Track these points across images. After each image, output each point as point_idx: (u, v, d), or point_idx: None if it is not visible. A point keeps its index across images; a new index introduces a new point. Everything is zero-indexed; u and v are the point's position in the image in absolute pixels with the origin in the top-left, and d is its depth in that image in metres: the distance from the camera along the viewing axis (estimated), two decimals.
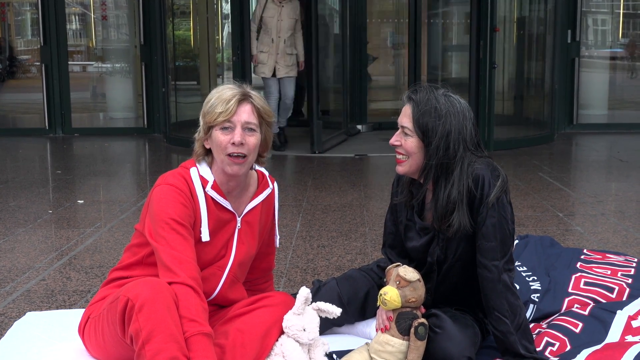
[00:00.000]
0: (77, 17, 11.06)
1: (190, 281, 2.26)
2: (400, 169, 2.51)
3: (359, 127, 9.50)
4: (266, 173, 2.64)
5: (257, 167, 2.60)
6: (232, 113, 2.38)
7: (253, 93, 2.45)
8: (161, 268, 2.32)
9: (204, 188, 2.43)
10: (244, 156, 2.40)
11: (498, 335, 2.46)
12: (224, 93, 2.40)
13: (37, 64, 9.92)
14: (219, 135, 2.39)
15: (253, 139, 2.42)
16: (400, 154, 2.50)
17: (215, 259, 2.48)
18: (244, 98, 2.41)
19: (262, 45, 7.85)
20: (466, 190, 2.43)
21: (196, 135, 2.48)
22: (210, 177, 2.45)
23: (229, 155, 2.39)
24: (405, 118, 2.47)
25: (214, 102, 2.39)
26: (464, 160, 2.44)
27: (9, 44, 11.68)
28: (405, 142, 2.47)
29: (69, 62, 9.61)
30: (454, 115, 2.43)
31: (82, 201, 5.57)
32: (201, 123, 2.44)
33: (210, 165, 2.47)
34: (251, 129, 2.41)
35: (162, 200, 2.37)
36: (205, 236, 2.42)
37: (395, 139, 2.50)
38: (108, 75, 10.49)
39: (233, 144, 2.38)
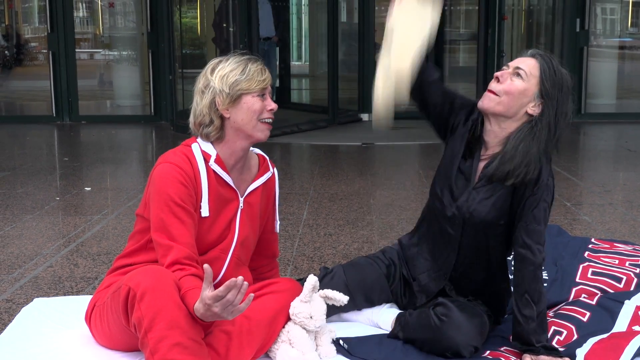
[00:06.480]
0: (84, 5, 11.06)
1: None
2: (486, 102, 2.44)
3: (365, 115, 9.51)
4: (267, 157, 2.65)
5: (258, 151, 2.62)
6: (269, 80, 2.43)
7: None
8: (157, 249, 2.36)
9: (206, 162, 2.43)
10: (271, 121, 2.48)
11: (519, 319, 2.43)
12: (249, 62, 2.42)
13: (45, 51, 9.92)
14: (256, 102, 2.40)
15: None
16: (493, 93, 2.43)
17: (218, 240, 2.47)
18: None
19: None
20: (540, 161, 2.42)
21: (205, 110, 2.40)
22: (212, 152, 2.44)
23: (261, 121, 2.42)
24: (527, 66, 2.43)
25: (249, 70, 2.39)
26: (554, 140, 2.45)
27: (16, 31, 11.70)
28: (512, 82, 2.43)
29: (76, 50, 9.60)
30: (566, 95, 2.47)
31: (89, 188, 5.58)
32: (225, 91, 2.37)
33: (219, 142, 2.45)
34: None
35: (163, 179, 2.38)
36: (205, 211, 2.41)
37: (504, 74, 2.44)
38: (115, 62, 10.49)
39: (271, 109, 2.43)
